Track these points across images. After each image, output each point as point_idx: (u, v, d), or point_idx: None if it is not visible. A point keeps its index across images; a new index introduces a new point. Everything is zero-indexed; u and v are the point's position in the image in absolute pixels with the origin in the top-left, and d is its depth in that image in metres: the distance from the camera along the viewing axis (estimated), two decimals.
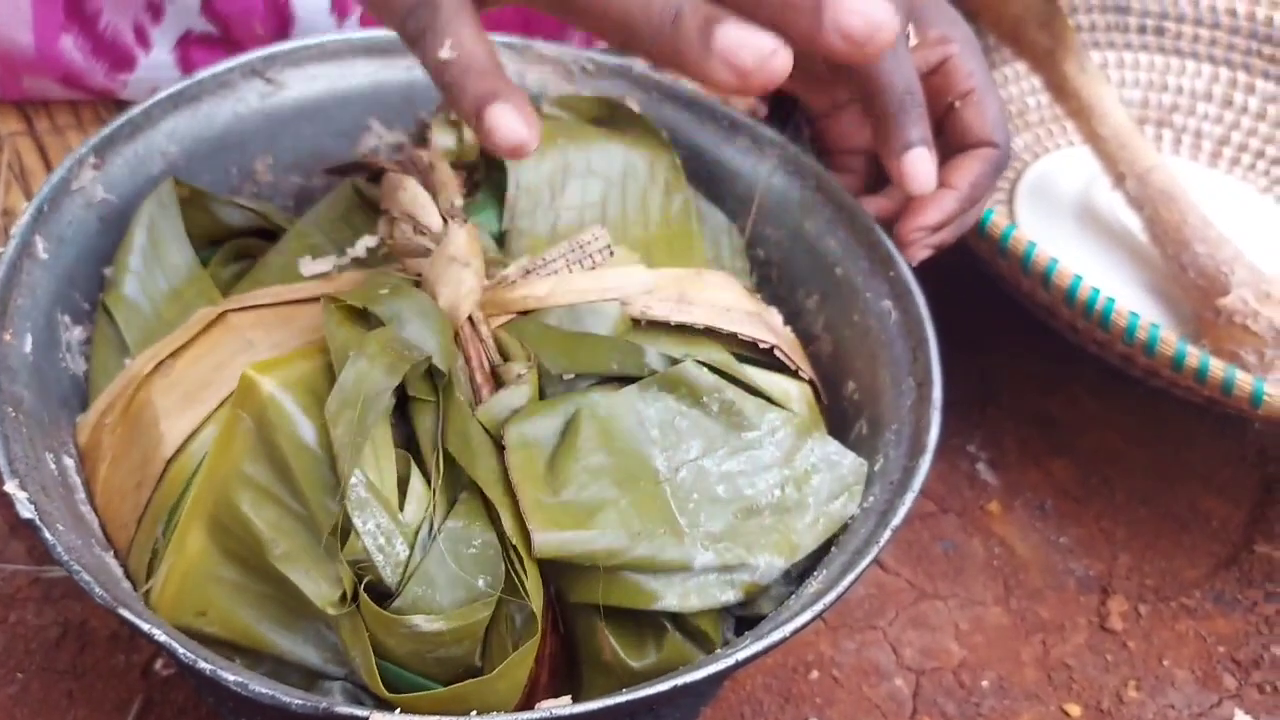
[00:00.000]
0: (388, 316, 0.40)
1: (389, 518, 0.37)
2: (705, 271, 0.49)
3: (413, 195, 0.47)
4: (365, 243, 0.48)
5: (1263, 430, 0.63)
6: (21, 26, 0.58)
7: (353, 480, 0.36)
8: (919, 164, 0.46)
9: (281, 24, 0.59)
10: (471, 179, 0.51)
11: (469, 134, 0.53)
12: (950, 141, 0.50)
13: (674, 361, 0.43)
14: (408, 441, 0.40)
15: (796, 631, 0.37)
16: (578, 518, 0.39)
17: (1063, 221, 0.68)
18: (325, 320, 0.40)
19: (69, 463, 0.42)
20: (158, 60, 0.60)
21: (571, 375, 0.43)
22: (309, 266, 0.44)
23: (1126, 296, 0.64)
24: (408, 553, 0.37)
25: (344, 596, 0.37)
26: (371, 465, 0.37)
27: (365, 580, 0.37)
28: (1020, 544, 0.58)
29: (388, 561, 0.37)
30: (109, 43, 0.59)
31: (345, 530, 0.37)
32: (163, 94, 0.48)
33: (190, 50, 0.60)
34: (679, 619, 0.40)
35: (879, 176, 0.50)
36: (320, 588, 0.37)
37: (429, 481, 0.39)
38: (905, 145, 0.46)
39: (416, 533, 0.37)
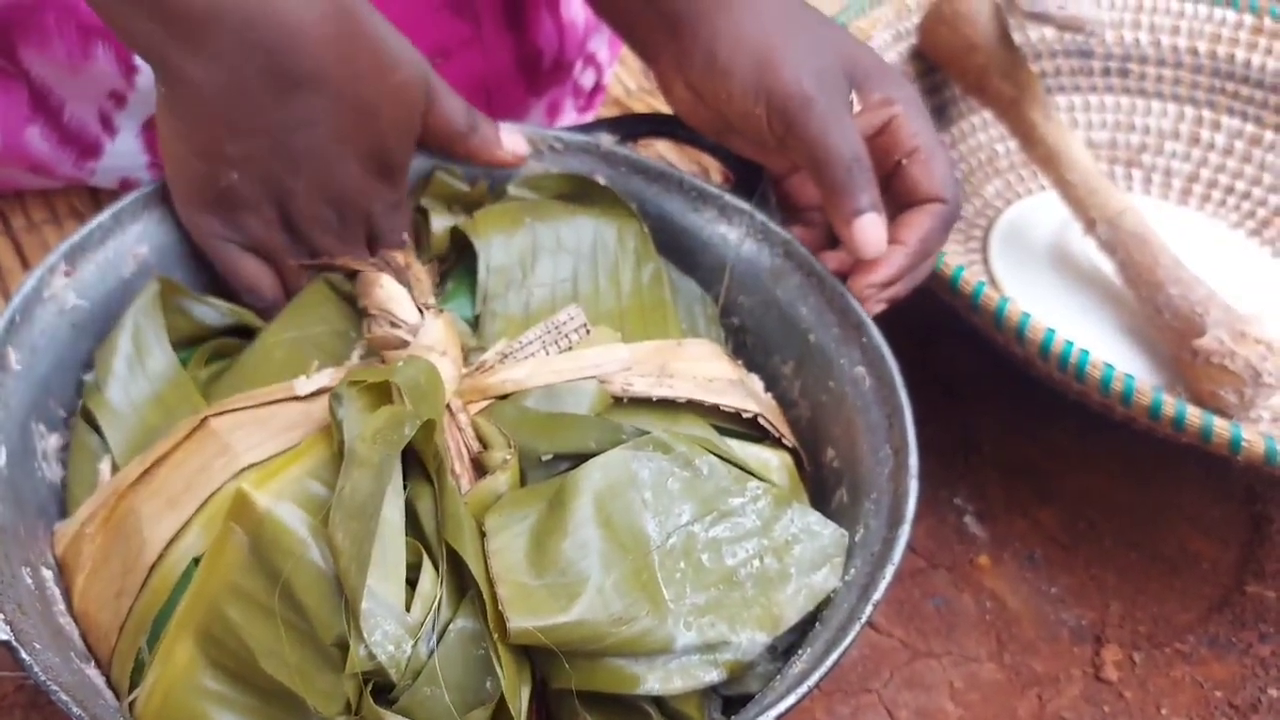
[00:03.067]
0: (406, 385, 0.40)
1: (396, 623, 0.37)
2: (686, 341, 0.49)
3: (389, 292, 0.47)
4: (358, 351, 0.48)
5: (1249, 468, 0.63)
6: None
7: (365, 603, 0.36)
8: (869, 230, 0.47)
9: None
10: (442, 267, 0.52)
11: (436, 225, 0.53)
12: (899, 198, 0.51)
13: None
14: (411, 519, 0.40)
15: (783, 715, 0.37)
16: (558, 602, 0.38)
17: (1037, 266, 0.69)
18: (342, 407, 0.40)
19: (47, 574, 0.41)
20: (124, 147, 0.61)
21: (550, 456, 0.43)
22: (305, 385, 0.44)
23: (1103, 340, 0.64)
24: (414, 651, 0.37)
25: (348, 705, 0.36)
26: (379, 567, 0.37)
27: (371, 684, 0.36)
28: (1011, 596, 0.58)
29: (394, 664, 0.36)
30: (75, 132, 0.60)
31: (347, 642, 0.36)
32: (132, 196, 0.48)
33: (156, 135, 0.60)
34: (662, 703, 0.39)
35: None
36: (323, 698, 0.36)
37: (438, 568, 0.38)
38: (855, 212, 0.47)
39: (421, 626, 0.37)
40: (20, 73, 0.57)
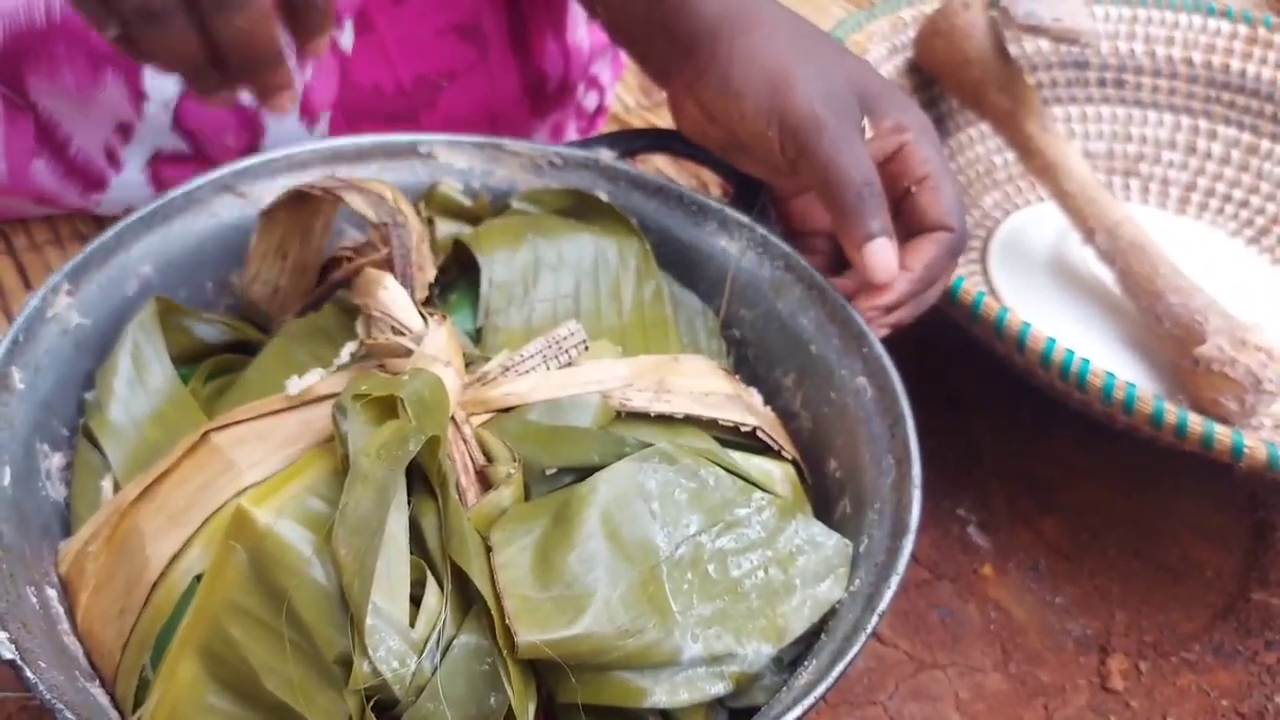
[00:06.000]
0: (412, 400, 0.40)
1: (400, 639, 0.37)
2: (683, 357, 0.50)
3: (393, 295, 0.47)
4: (349, 349, 0.48)
5: (1251, 475, 0.63)
6: None
7: (369, 619, 0.36)
8: (880, 255, 0.47)
9: (252, 135, 0.60)
10: (444, 279, 0.52)
11: (441, 233, 0.54)
12: (907, 224, 0.51)
13: None
14: (415, 535, 0.39)
15: None
16: (565, 615, 0.38)
17: (1036, 277, 0.69)
18: (346, 420, 0.40)
19: (51, 593, 0.41)
20: (129, 179, 0.61)
21: (554, 470, 0.43)
22: (296, 385, 0.44)
23: (1103, 349, 0.64)
24: (419, 667, 0.37)
25: None
26: (383, 582, 0.37)
27: (373, 701, 0.36)
28: (1016, 607, 0.57)
29: (399, 680, 0.36)
30: (80, 166, 0.60)
31: (351, 658, 0.36)
32: (134, 215, 0.49)
33: (161, 168, 0.61)
34: (669, 716, 0.39)
35: (843, 256, 0.51)
36: (324, 715, 0.36)
37: (442, 585, 0.38)
38: (866, 236, 0.47)
39: (426, 642, 0.37)
40: (27, 105, 0.58)
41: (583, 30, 0.69)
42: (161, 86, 0.58)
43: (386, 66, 0.61)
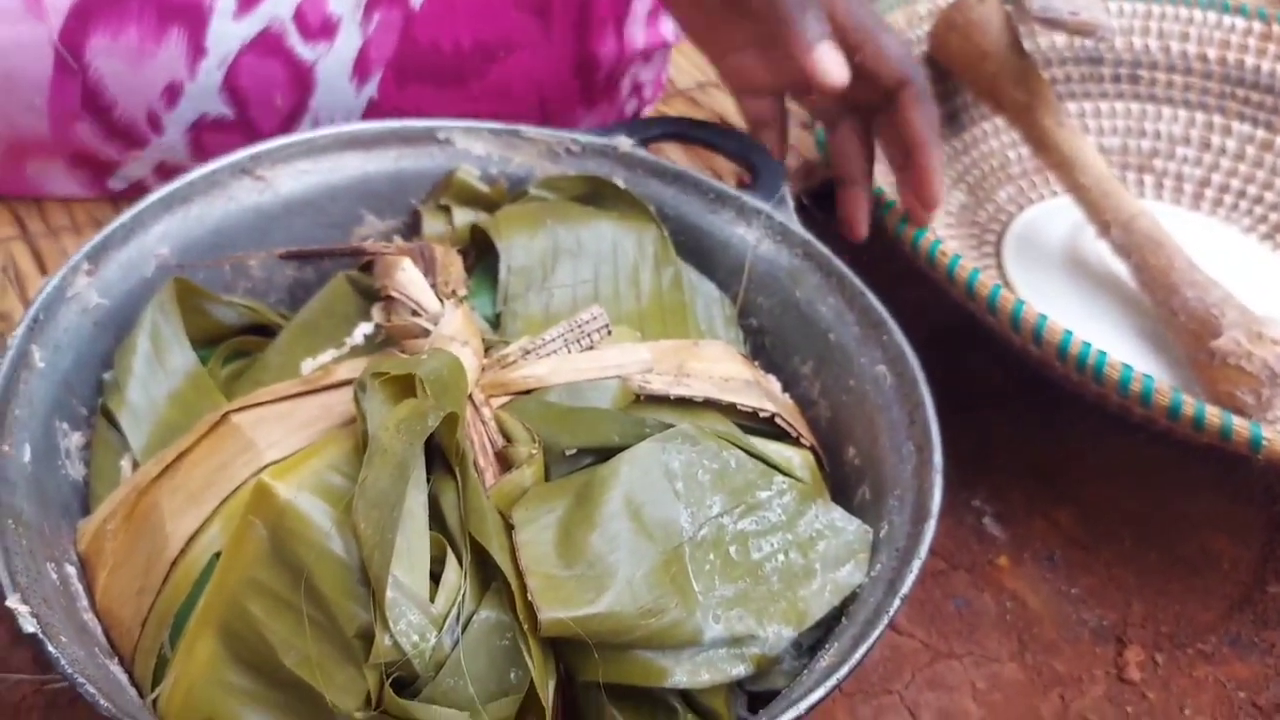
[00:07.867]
0: (430, 378, 0.40)
1: (420, 613, 0.36)
2: (703, 341, 0.49)
3: (410, 276, 0.47)
4: (363, 330, 0.48)
5: (1268, 468, 0.63)
6: (38, 118, 0.59)
7: (389, 592, 0.36)
8: (829, 55, 0.51)
9: (303, 92, 0.59)
10: (464, 263, 0.52)
11: (459, 219, 0.54)
12: (866, 89, 0.54)
13: None
14: (434, 513, 0.39)
15: (811, 708, 0.37)
16: (588, 593, 0.38)
17: (1051, 271, 0.69)
18: (366, 399, 0.40)
19: (70, 570, 0.41)
20: (170, 141, 0.61)
21: (574, 450, 0.43)
22: (310, 366, 0.44)
23: (1119, 343, 0.64)
24: (439, 642, 0.37)
25: (368, 698, 0.36)
26: (403, 557, 0.37)
27: (393, 677, 0.36)
28: (1032, 597, 0.57)
29: (419, 655, 0.36)
30: (122, 130, 0.60)
31: (371, 632, 0.36)
32: (154, 196, 0.49)
33: (203, 135, 0.61)
34: (689, 697, 0.39)
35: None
36: (342, 692, 0.36)
37: (461, 561, 0.38)
38: (812, 39, 0.50)
39: (446, 617, 0.37)
40: (79, 68, 0.58)
41: (640, 30, 0.69)
42: (223, 40, 0.57)
43: (451, 26, 0.61)
